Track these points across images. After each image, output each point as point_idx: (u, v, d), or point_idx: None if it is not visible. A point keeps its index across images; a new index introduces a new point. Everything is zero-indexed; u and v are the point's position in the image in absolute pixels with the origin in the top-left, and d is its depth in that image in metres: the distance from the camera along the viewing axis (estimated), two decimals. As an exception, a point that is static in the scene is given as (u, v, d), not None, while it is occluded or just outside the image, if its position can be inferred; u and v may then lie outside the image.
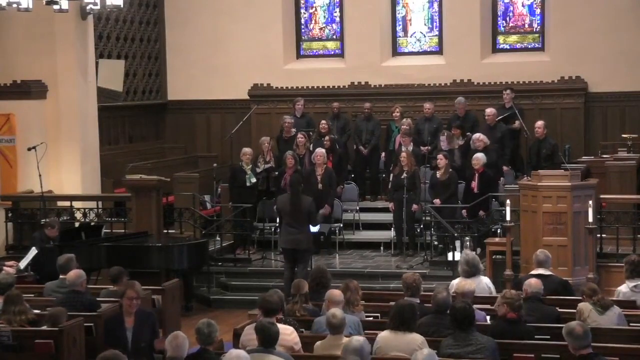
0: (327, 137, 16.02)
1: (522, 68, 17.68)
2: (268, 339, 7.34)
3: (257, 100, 18.81)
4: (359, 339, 7.14)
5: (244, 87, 18.91)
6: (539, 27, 18.19)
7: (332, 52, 19.13)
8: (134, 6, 18.52)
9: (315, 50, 19.27)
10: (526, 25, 18.28)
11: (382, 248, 15.46)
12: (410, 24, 18.67)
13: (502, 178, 15.11)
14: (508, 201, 12.41)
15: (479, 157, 14.46)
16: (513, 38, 18.32)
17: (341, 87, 18.56)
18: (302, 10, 19.18)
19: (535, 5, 18.19)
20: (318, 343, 8.06)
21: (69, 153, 15.62)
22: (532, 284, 9.10)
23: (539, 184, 12.35)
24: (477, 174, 14.43)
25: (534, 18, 18.22)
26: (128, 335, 8.81)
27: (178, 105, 19.54)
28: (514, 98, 16.61)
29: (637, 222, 13.44)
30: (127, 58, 18.44)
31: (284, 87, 18.79)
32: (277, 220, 13.93)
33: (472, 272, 9.78)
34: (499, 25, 18.33)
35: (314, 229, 13.44)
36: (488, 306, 9.34)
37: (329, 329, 8.02)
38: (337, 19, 19.02)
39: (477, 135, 15.21)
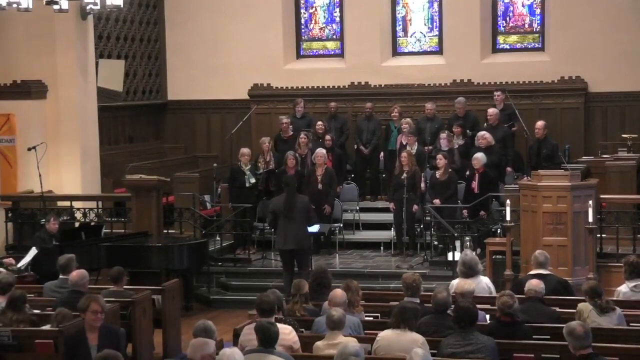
0: (328, 137, 16.02)
1: (522, 68, 17.67)
2: (268, 339, 7.33)
3: (257, 100, 18.81)
4: (355, 345, 7.15)
5: (244, 87, 18.91)
6: (539, 27, 18.18)
7: (332, 52, 19.13)
8: (134, 6, 18.51)
9: (315, 50, 19.27)
10: (526, 25, 18.28)
11: (382, 248, 15.47)
12: (410, 24, 18.67)
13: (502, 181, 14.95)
14: (508, 201, 12.41)
15: (479, 157, 14.46)
16: (513, 38, 18.32)
17: (341, 87, 18.55)
18: (302, 10, 19.18)
19: (535, 5, 18.18)
20: (317, 343, 8.07)
21: (69, 153, 15.62)
22: (534, 284, 9.10)
23: (539, 184, 12.35)
24: (477, 174, 14.43)
25: (534, 18, 18.22)
26: (93, 353, 8.10)
27: (178, 105, 19.53)
28: (510, 98, 16.55)
29: (637, 222, 13.44)
30: (127, 58, 18.44)
31: (284, 87, 18.79)
32: (270, 222, 13.63)
33: (469, 273, 9.76)
34: (499, 25, 18.33)
35: (313, 229, 13.44)
36: (488, 306, 9.34)
37: (328, 325, 8.03)
38: (337, 19, 19.01)
39: (482, 133, 15.17)
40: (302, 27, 19.19)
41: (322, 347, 7.99)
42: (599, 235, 13.10)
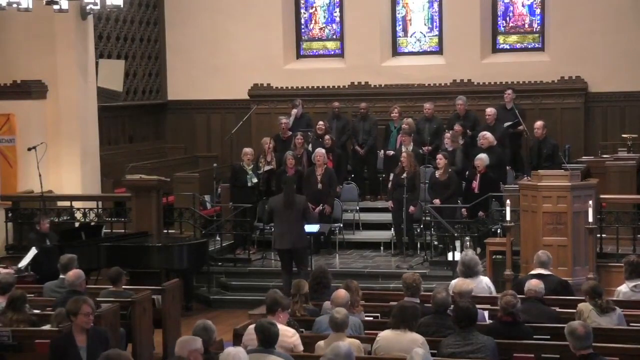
0: (327, 137, 16.02)
1: (522, 68, 17.67)
2: (268, 339, 7.33)
3: (257, 100, 18.81)
4: (345, 345, 7.14)
5: (244, 87, 18.91)
6: (539, 27, 18.19)
7: (332, 52, 19.14)
8: (134, 6, 18.51)
9: (315, 50, 19.27)
10: (526, 25, 18.28)
11: (382, 248, 15.47)
12: (410, 24, 18.67)
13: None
14: (508, 201, 12.41)
15: (482, 158, 14.44)
16: (513, 38, 18.32)
17: (341, 87, 18.56)
18: (302, 10, 19.18)
19: (535, 5, 18.19)
20: (320, 342, 8.06)
21: (69, 153, 15.63)
22: (534, 284, 9.10)
23: (539, 184, 12.34)
24: (478, 175, 14.42)
25: (534, 18, 18.22)
26: (82, 354, 8.05)
27: (178, 105, 19.54)
28: (514, 98, 16.60)
29: (637, 222, 13.44)
30: (127, 58, 18.43)
31: (284, 87, 18.80)
32: (265, 219, 13.94)
33: (469, 273, 9.76)
34: (499, 25, 18.33)
35: (314, 228, 13.44)
36: (488, 306, 9.34)
37: (331, 326, 8.02)
38: (337, 19, 19.02)
39: (483, 132, 15.16)
40: (302, 27, 19.19)
41: (324, 348, 7.97)
42: (599, 235, 13.09)
